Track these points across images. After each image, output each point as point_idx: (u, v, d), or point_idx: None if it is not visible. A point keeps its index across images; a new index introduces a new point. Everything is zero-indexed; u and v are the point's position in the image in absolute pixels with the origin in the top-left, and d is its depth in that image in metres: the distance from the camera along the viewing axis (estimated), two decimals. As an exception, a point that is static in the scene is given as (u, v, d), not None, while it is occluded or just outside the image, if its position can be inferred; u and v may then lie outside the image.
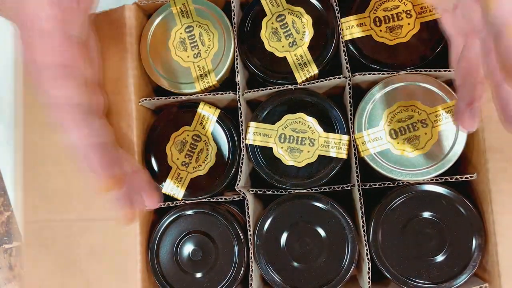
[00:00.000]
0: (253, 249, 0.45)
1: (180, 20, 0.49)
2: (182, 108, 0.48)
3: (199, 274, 0.47)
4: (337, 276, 0.44)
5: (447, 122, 0.45)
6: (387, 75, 0.46)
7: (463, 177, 0.45)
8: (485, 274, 0.45)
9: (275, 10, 0.48)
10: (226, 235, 0.46)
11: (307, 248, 0.45)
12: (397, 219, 0.45)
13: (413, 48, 0.46)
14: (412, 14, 0.46)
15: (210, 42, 0.48)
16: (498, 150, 0.44)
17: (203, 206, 0.47)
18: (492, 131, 0.44)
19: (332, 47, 0.47)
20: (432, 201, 0.44)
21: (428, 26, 0.46)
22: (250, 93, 0.47)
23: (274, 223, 0.45)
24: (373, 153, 0.45)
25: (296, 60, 0.47)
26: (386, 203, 0.45)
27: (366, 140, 0.45)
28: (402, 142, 0.45)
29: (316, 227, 0.45)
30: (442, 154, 0.45)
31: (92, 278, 0.46)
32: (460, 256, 0.44)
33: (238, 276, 0.46)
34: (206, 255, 0.47)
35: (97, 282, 0.46)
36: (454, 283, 0.43)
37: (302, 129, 0.46)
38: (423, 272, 0.44)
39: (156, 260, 0.47)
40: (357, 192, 0.45)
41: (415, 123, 0.45)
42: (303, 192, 0.46)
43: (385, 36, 0.46)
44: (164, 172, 0.48)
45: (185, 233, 0.47)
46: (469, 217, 0.44)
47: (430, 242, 0.44)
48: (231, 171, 0.47)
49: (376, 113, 0.46)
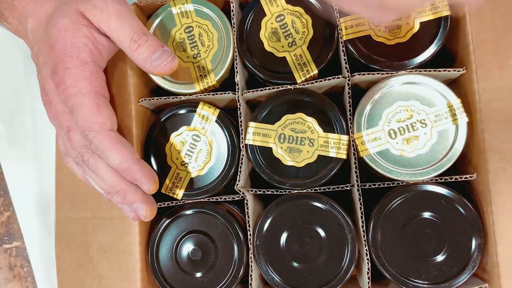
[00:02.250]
0: (253, 249, 0.45)
1: (179, 21, 0.49)
2: (181, 108, 0.48)
3: (198, 274, 0.47)
4: (336, 276, 0.44)
5: (447, 122, 0.45)
6: (386, 75, 0.46)
7: (463, 177, 0.44)
8: (485, 275, 0.45)
9: (275, 10, 0.48)
10: (225, 235, 0.46)
11: (307, 248, 0.45)
12: (397, 219, 0.44)
13: (412, 48, 0.46)
14: (411, 14, 0.46)
15: (209, 43, 0.48)
16: (498, 151, 0.44)
17: (202, 205, 0.47)
18: (492, 131, 0.44)
19: (331, 47, 0.47)
20: (432, 201, 0.44)
21: (427, 25, 0.46)
22: (250, 93, 0.47)
23: (274, 223, 0.45)
24: (372, 153, 0.45)
25: (295, 60, 0.47)
26: (385, 203, 0.45)
27: (366, 140, 0.45)
28: (402, 142, 0.45)
29: (316, 227, 0.45)
30: (442, 154, 0.45)
31: (103, 275, 0.47)
32: (459, 256, 0.44)
33: (238, 276, 0.46)
34: (205, 255, 0.47)
35: (107, 280, 0.47)
36: (453, 283, 0.43)
37: (302, 129, 0.46)
38: (423, 272, 0.44)
39: (156, 260, 0.47)
40: (357, 192, 0.45)
41: (414, 123, 0.45)
42: (302, 192, 0.46)
43: (384, 36, 0.46)
44: (163, 172, 0.48)
45: (184, 233, 0.47)
46: (468, 217, 0.44)
47: (430, 242, 0.44)
48: (230, 171, 0.47)
49: (375, 113, 0.46)
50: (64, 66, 0.41)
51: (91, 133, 0.41)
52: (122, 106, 0.47)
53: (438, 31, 0.46)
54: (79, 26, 0.41)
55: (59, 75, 0.41)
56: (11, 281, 0.60)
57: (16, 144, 0.60)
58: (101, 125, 0.41)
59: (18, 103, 0.60)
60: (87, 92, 0.41)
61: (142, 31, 0.42)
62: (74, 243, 0.48)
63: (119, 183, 0.42)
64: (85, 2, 0.41)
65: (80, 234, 0.48)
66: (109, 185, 0.43)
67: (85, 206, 0.48)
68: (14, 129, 0.60)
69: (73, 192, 0.48)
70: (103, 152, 0.41)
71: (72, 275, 0.48)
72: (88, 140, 0.41)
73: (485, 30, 0.45)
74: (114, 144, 0.41)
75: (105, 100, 0.42)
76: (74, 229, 0.48)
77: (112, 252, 0.47)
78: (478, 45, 0.45)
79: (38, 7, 0.44)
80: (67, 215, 0.49)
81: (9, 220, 0.60)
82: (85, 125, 0.41)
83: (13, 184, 0.60)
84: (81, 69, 0.41)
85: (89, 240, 0.48)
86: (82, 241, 0.48)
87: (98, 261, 0.48)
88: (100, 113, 0.41)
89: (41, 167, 0.59)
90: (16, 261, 0.60)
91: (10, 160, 0.60)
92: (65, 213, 0.49)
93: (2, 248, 0.60)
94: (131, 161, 0.41)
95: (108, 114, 0.42)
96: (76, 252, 0.48)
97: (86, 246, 0.48)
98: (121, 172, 0.42)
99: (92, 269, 0.48)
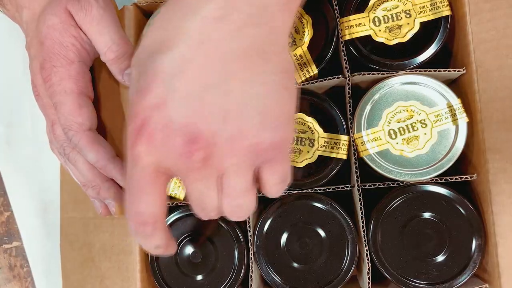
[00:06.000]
0: (253, 250, 0.45)
1: (179, 21, 0.49)
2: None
3: (199, 276, 0.47)
4: (337, 276, 0.44)
5: (447, 122, 0.45)
6: (387, 75, 0.45)
7: (463, 177, 0.44)
8: (485, 275, 0.45)
9: (274, 10, 0.48)
10: (226, 237, 0.46)
11: (307, 248, 0.45)
12: (397, 220, 0.44)
13: (412, 47, 0.46)
14: (412, 14, 0.46)
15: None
16: (498, 151, 0.44)
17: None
18: (492, 131, 0.44)
19: (331, 47, 0.47)
20: (432, 201, 0.44)
21: (427, 25, 0.46)
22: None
23: (274, 223, 0.45)
24: (372, 153, 0.45)
25: (295, 60, 0.47)
26: (385, 203, 0.45)
27: (365, 140, 0.45)
28: (402, 142, 0.45)
29: (316, 228, 0.45)
30: (442, 155, 0.44)
31: (105, 275, 0.47)
32: (460, 256, 0.44)
33: (239, 278, 0.46)
34: (206, 258, 0.46)
35: (108, 279, 0.47)
36: (454, 283, 0.43)
37: (302, 129, 0.46)
38: (423, 273, 0.44)
39: (156, 262, 0.47)
40: (357, 193, 0.45)
41: (414, 123, 0.45)
42: (303, 193, 0.46)
43: (385, 36, 0.46)
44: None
45: (185, 235, 0.47)
46: (469, 217, 0.44)
47: (430, 243, 0.44)
48: (230, 172, 0.47)
49: (376, 113, 0.45)
50: (51, 63, 0.42)
51: (70, 132, 0.42)
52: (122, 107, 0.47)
53: (438, 31, 0.46)
54: (67, 26, 0.42)
55: (46, 72, 0.42)
56: (11, 281, 0.60)
57: (15, 145, 0.60)
58: (80, 125, 0.42)
59: (18, 103, 0.60)
60: (70, 91, 0.42)
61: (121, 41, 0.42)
62: (77, 243, 0.49)
63: (95, 179, 0.45)
64: (72, 2, 0.42)
65: (83, 233, 0.49)
66: (86, 179, 0.45)
67: (87, 206, 0.48)
68: (13, 129, 0.60)
69: (76, 192, 0.49)
70: (81, 150, 0.43)
71: (76, 275, 0.49)
72: (68, 137, 0.43)
73: (485, 29, 0.44)
74: (91, 144, 0.43)
75: (88, 100, 0.44)
76: (77, 228, 0.49)
77: (113, 252, 0.47)
78: (478, 45, 0.44)
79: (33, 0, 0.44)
80: (71, 215, 0.49)
81: (8, 220, 0.60)
82: (66, 124, 0.42)
83: (11, 185, 0.60)
84: (67, 68, 0.42)
85: (92, 240, 0.48)
86: (85, 241, 0.49)
87: (100, 260, 0.48)
88: (81, 113, 0.42)
89: (40, 168, 0.59)
90: (16, 261, 0.60)
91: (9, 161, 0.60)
92: (69, 213, 0.50)
93: (2, 248, 0.60)
94: (107, 159, 0.43)
95: (88, 114, 0.43)
96: (79, 251, 0.49)
97: (89, 245, 0.49)
98: (98, 169, 0.44)
99: (94, 268, 0.48)
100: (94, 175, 0.45)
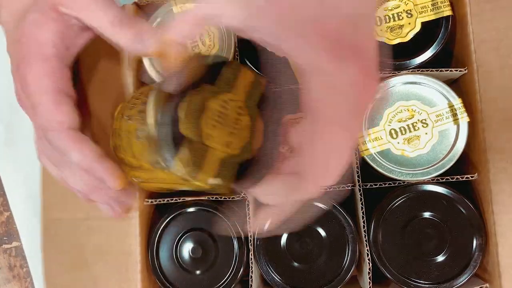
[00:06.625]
0: (253, 249, 0.45)
1: (180, 20, 0.49)
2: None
3: (198, 271, 0.46)
4: (337, 276, 0.44)
5: (448, 122, 0.45)
6: (388, 74, 0.45)
7: (464, 177, 0.44)
8: (486, 275, 0.45)
9: (276, 9, 0.48)
10: (226, 231, 0.46)
11: (308, 248, 0.45)
12: (398, 219, 0.44)
13: (413, 47, 0.46)
14: (413, 14, 0.46)
15: (210, 42, 0.48)
16: (498, 150, 0.44)
17: (203, 203, 0.47)
18: (493, 131, 0.44)
19: (332, 47, 0.47)
20: (433, 201, 0.44)
21: (428, 25, 0.46)
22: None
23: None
24: (374, 153, 0.45)
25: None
26: (386, 203, 0.45)
27: (367, 139, 0.45)
28: (403, 142, 0.45)
29: (317, 227, 0.45)
30: (443, 154, 0.44)
31: (99, 278, 0.46)
32: (460, 256, 0.44)
33: (238, 274, 0.46)
34: (206, 253, 0.46)
35: (103, 282, 0.46)
36: (454, 283, 0.43)
37: (303, 129, 0.46)
38: (424, 273, 0.44)
39: (156, 258, 0.47)
40: (358, 192, 0.45)
41: (415, 123, 0.45)
42: (303, 192, 0.46)
43: (386, 36, 0.46)
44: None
45: (185, 231, 0.47)
46: (469, 217, 0.44)
47: (431, 242, 0.44)
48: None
49: (377, 113, 0.45)
50: (26, 62, 0.39)
51: (50, 133, 0.39)
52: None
53: (439, 31, 0.46)
54: (47, 20, 0.38)
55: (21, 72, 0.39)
56: (10, 281, 0.60)
57: (15, 145, 0.60)
58: (60, 123, 0.39)
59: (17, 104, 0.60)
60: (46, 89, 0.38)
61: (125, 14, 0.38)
62: (65, 246, 0.47)
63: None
64: None
65: (71, 236, 0.47)
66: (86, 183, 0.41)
67: (76, 207, 0.47)
68: (13, 129, 0.60)
69: (62, 193, 0.47)
70: (64, 151, 0.39)
71: (62, 278, 0.47)
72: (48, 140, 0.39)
73: (486, 29, 0.45)
74: (73, 143, 0.39)
75: (66, 98, 0.40)
76: (64, 230, 0.47)
77: (110, 254, 0.46)
78: (479, 45, 0.45)
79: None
80: (57, 216, 0.47)
81: (8, 220, 0.60)
82: (44, 124, 0.39)
83: (11, 185, 0.60)
84: (42, 65, 0.39)
85: (83, 242, 0.47)
86: (75, 243, 0.47)
87: (94, 263, 0.46)
88: (59, 111, 0.39)
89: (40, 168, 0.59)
90: (15, 261, 0.60)
91: (9, 161, 0.60)
92: (53, 214, 0.47)
93: (1, 248, 0.60)
94: (91, 159, 0.39)
95: (69, 112, 0.39)
96: (67, 254, 0.47)
97: (80, 248, 0.47)
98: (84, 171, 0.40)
99: (86, 271, 0.47)
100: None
